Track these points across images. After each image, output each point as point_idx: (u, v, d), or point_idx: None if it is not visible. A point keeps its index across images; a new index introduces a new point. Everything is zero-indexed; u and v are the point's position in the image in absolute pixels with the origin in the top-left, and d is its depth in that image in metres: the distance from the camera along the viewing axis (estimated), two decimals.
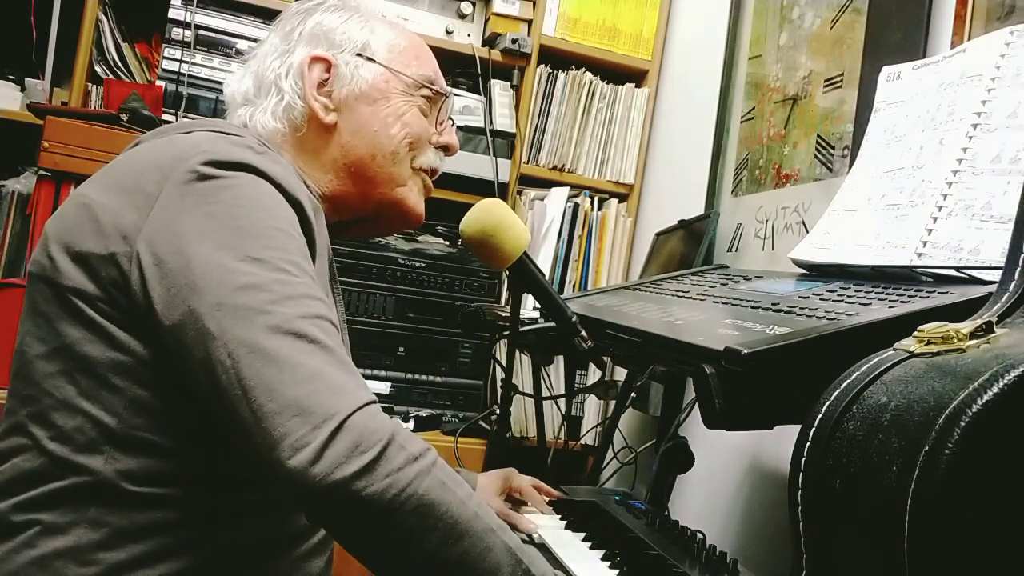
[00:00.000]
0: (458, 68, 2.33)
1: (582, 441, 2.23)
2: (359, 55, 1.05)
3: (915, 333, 0.63)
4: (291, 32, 1.06)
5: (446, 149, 1.14)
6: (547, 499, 1.36)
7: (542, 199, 2.33)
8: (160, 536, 0.83)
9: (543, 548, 1.19)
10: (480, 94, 2.31)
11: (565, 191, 2.32)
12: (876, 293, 0.93)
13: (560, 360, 2.11)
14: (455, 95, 2.29)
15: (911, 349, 0.61)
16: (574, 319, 1.24)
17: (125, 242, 0.82)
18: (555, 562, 1.15)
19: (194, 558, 0.85)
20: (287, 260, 0.82)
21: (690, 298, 1.22)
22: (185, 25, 2.08)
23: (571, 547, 1.19)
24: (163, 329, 0.79)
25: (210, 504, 0.86)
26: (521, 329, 1.36)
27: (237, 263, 0.79)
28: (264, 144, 0.96)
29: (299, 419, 0.72)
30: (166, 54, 2.08)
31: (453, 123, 1.17)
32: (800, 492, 0.60)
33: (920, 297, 0.88)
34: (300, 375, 0.74)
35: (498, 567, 0.77)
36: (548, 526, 1.28)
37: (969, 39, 1.19)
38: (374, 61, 1.05)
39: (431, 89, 1.09)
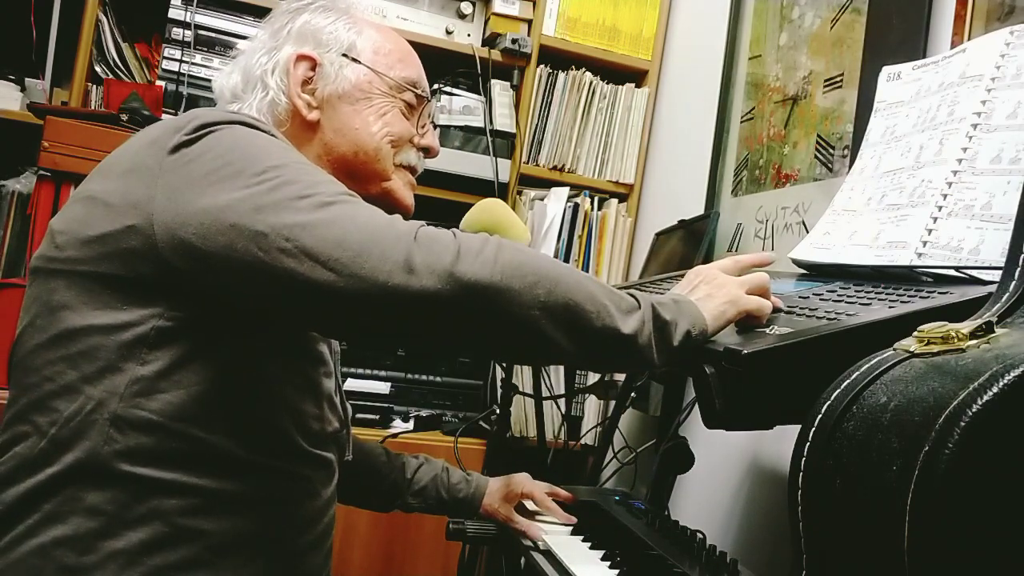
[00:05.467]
0: (458, 68, 2.33)
1: (582, 441, 2.23)
2: (344, 55, 1.06)
3: (915, 333, 0.63)
4: (280, 29, 1.07)
5: (427, 151, 1.14)
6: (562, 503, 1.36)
7: (542, 199, 2.33)
8: (158, 524, 0.84)
9: (544, 550, 1.19)
10: (480, 94, 2.31)
11: (565, 191, 2.32)
12: (876, 293, 0.93)
13: None
14: (455, 95, 2.29)
15: (911, 349, 0.61)
16: None
17: (137, 210, 0.84)
18: (555, 562, 1.15)
19: (193, 548, 0.85)
20: (303, 162, 0.87)
21: None
22: (185, 25, 2.08)
23: (571, 547, 1.19)
24: (205, 263, 0.80)
25: (209, 493, 0.87)
26: None
27: (260, 176, 0.82)
28: None
29: (376, 251, 0.77)
30: (166, 54, 2.08)
31: (436, 127, 1.18)
32: (800, 492, 0.60)
33: (920, 297, 0.88)
34: (358, 223, 0.79)
35: (593, 294, 0.83)
36: (549, 526, 1.28)
37: (969, 39, 1.19)
38: (359, 62, 1.06)
39: (413, 92, 1.10)
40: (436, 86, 2.24)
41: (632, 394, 1.82)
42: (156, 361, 0.85)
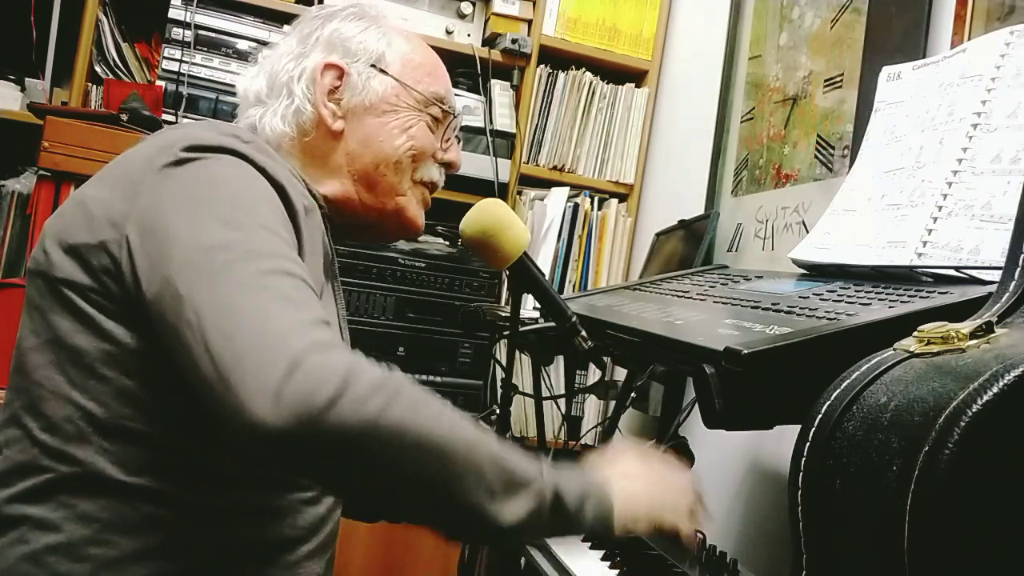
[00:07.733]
0: (458, 68, 2.33)
1: (582, 441, 2.23)
2: (373, 66, 1.05)
3: (915, 333, 0.63)
4: (308, 36, 1.06)
5: (448, 166, 1.14)
6: None
7: (542, 199, 2.33)
8: (152, 533, 0.83)
9: (543, 548, 1.19)
10: (480, 94, 2.31)
11: (565, 191, 2.32)
12: (876, 293, 0.93)
13: (560, 360, 2.11)
14: (455, 95, 2.29)
15: (911, 349, 0.61)
16: (574, 319, 1.24)
17: (114, 229, 0.83)
18: (555, 562, 1.15)
19: (187, 557, 0.85)
20: (257, 222, 0.81)
21: (690, 298, 1.22)
22: (185, 25, 2.08)
23: (571, 547, 1.19)
24: (148, 306, 0.79)
25: (201, 502, 0.86)
26: (521, 329, 1.36)
27: (206, 226, 0.79)
28: (263, 143, 0.96)
29: (255, 364, 0.70)
30: (166, 54, 2.07)
31: (459, 141, 1.17)
32: (800, 492, 0.60)
33: (920, 297, 0.88)
34: (257, 323, 0.73)
35: (480, 475, 0.76)
36: None
37: (969, 39, 1.20)
38: (387, 73, 1.06)
39: (440, 107, 1.10)
40: None
41: (632, 394, 1.82)
42: (141, 372, 0.83)
